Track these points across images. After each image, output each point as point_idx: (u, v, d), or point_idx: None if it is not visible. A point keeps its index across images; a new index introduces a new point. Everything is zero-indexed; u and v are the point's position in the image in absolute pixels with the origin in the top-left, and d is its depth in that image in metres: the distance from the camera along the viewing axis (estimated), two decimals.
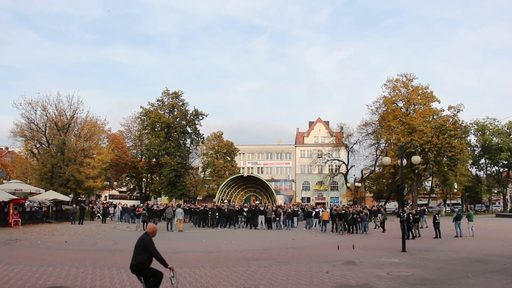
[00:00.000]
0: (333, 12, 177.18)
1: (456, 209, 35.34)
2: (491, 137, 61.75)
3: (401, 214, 18.49)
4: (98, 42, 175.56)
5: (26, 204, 35.77)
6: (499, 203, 77.66)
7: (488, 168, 66.43)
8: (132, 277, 10.85)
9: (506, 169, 66.64)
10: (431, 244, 19.42)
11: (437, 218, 23.24)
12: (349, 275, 11.46)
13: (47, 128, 45.25)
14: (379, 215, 29.57)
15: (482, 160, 65.24)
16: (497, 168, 65.75)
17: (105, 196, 76.65)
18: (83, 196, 62.33)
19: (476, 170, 68.28)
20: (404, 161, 17.60)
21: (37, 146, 46.87)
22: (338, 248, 17.43)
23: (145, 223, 28.24)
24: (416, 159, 17.81)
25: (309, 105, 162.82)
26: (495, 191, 68.09)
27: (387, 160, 18.63)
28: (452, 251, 16.78)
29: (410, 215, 21.92)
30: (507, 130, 62.69)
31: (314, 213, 30.72)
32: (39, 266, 12.67)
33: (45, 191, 37.54)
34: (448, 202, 67.17)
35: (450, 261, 14.15)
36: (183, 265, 13.08)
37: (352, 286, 9.98)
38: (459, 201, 71.97)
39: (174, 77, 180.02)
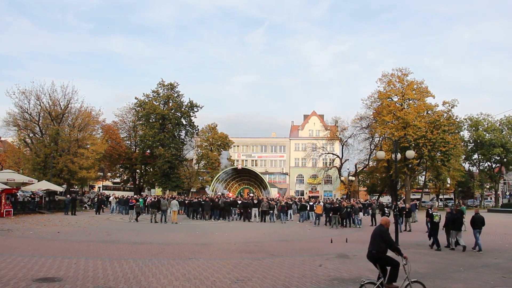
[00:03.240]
0: (331, 6, 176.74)
1: (449, 204, 35.57)
2: (484, 133, 62.13)
3: (394, 208, 18.57)
4: (94, 32, 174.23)
5: (18, 194, 35.57)
6: (490, 198, 78.32)
7: (480, 163, 66.89)
8: (124, 268, 10.86)
9: (498, 165, 67.13)
10: (423, 239, 19.50)
11: (430, 212, 23.31)
12: (342, 268, 11.51)
13: (40, 118, 44.77)
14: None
15: (475, 156, 65.68)
16: (489, 163, 66.22)
17: (99, 187, 76.46)
18: (76, 186, 62.08)
19: (469, 166, 68.78)
20: (399, 156, 17.62)
21: (30, 136, 46.43)
22: (331, 242, 17.50)
23: (138, 215, 28.26)
24: (410, 153, 17.84)
25: (305, 98, 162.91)
26: (487, 186, 68.68)
27: (381, 154, 18.67)
28: (444, 245, 16.85)
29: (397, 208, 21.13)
30: (500, 127, 63.10)
31: (308, 206, 30.74)
32: (31, 256, 12.60)
33: (38, 181, 37.30)
34: (440, 197, 67.63)
35: (442, 255, 14.25)
36: (176, 257, 13.07)
37: (345, 280, 10.02)
38: (452, 196, 72.51)
39: (170, 68, 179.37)
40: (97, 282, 9.31)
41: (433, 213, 17.29)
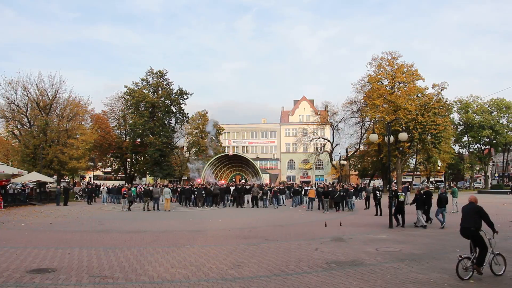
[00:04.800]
0: None
1: (441, 186, 35.89)
2: (474, 115, 62.59)
3: (389, 191, 18.62)
4: (80, 21, 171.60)
5: (8, 186, 35.13)
6: (480, 180, 79.28)
7: (470, 145, 67.51)
8: (119, 257, 10.76)
9: (488, 147, 67.85)
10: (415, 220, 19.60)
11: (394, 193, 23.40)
12: (339, 251, 11.50)
13: (28, 109, 44.09)
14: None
15: (465, 138, 66.24)
16: (479, 145, 66.90)
17: (89, 177, 75.93)
18: (67, 177, 61.56)
19: (459, 148, 69.41)
20: (391, 138, 17.60)
21: (18, 127, 45.79)
22: (325, 226, 17.52)
23: (131, 203, 28.09)
24: (403, 135, 17.90)
25: (295, 84, 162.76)
26: (477, 168, 69.44)
27: (374, 137, 18.63)
28: (437, 227, 16.98)
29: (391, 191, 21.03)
30: (489, 108, 63.57)
31: (303, 191, 30.78)
32: (24, 248, 12.42)
33: (28, 172, 36.89)
34: (431, 179, 68.24)
35: (436, 236, 14.32)
36: (171, 245, 12.98)
37: (342, 263, 10.00)
38: (442, 178, 73.26)
39: (159, 56, 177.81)
40: (92, 272, 9.19)
41: (398, 193, 18.44)
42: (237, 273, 9.01)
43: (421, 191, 18.18)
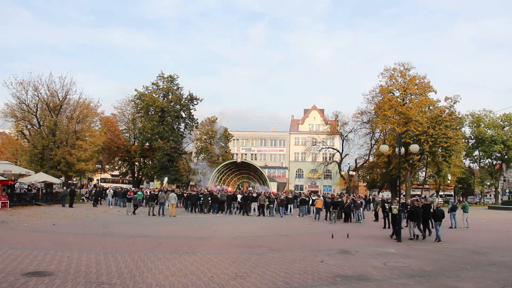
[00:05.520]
0: (332, 0, 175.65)
1: (451, 200, 35.31)
2: (486, 129, 61.67)
3: (398, 203, 18.17)
4: (95, 24, 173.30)
5: (17, 186, 35.10)
6: (490, 195, 77.99)
7: (481, 160, 66.47)
8: (119, 262, 10.47)
9: (499, 162, 66.74)
10: (426, 235, 19.10)
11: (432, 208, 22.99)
12: (345, 265, 11.09)
13: (38, 109, 44.21)
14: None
15: (476, 152, 65.23)
16: (490, 160, 65.80)
17: (97, 180, 76.03)
18: (75, 179, 61.57)
19: (470, 162, 68.39)
20: (402, 150, 17.18)
21: (28, 127, 45.96)
22: (332, 237, 17.09)
23: (136, 207, 27.87)
24: (415, 147, 17.42)
25: (305, 93, 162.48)
26: (488, 183, 68.28)
27: (384, 148, 18.22)
28: (447, 242, 16.49)
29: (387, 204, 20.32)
30: (502, 123, 62.62)
31: (311, 201, 30.36)
32: (23, 249, 12.19)
33: (35, 173, 36.90)
34: (441, 193, 67.24)
35: (446, 252, 13.84)
36: (173, 251, 12.66)
37: (349, 277, 9.60)
38: (452, 192, 72.17)
39: (171, 61, 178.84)
40: (89, 277, 8.90)
41: (392, 206, 18.54)
42: (239, 284, 8.66)
43: (414, 204, 18.25)
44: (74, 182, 68.46)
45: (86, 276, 9.01)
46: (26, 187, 38.02)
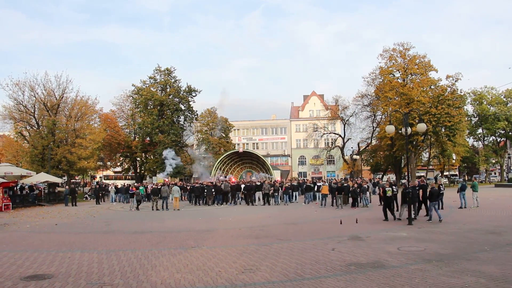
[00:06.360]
0: None
1: (460, 180, 34.87)
2: (489, 107, 60.92)
3: (407, 185, 17.72)
4: (89, 22, 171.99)
5: (17, 187, 34.74)
6: (495, 173, 77.51)
7: (485, 138, 65.80)
8: (122, 261, 10.06)
9: (503, 139, 66.09)
10: (436, 216, 18.66)
11: (442, 189, 22.57)
12: (357, 252, 10.62)
13: (36, 109, 43.75)
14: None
15: (479, 130, 64.54)
16: (494, 137, 65.12)
17: (100, 177, 75.74)
18: (77, 178, 61.20)
19: (474, 141, 67.73)
20: (409, 130, 16.67)
21: (27, 128, 45.51)
22: (341, 223, 16.65)
23: (139, 203, 27.50)
24: (422, 126, 16.83)
25: (304, 80, 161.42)
26: (493, 161, 67.68)
27: (390, 128, 17.66)
28: (460, 223, 16.05)
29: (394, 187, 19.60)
30: (505, 99, 61.83)
31: (316, 187, 29.93)
32: (24, 251, 11.79)
33: (37, 173, 36.54)
34: (446, 173, 66.71)
35: (460, 233, 13.38)
36: (178, 246, 12.23)
37: (363, 265, 9.13)
38: (457, 172, 71.67)
39: (167, 55, 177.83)
40: (91, 278, 8.47)
41: (386, 189, 18.38)
42: (248, 278, 8.22)
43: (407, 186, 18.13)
44: (77, 180, 68.16)
45: (88, 277, 8.58)
46: (27, 188, 37.56)
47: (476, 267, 8.53)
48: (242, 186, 30.91)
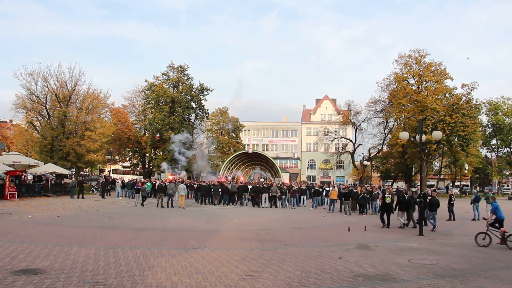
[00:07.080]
0: None
1: (474, 191, 34.09)
2: (504, 117, 59.72)
3: (420, 194, 17.13)
4: (107, 17, 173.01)
5: (23, 176, 34.65)
6: (507, 185, 76.03)
7: (499, 149, 64.51)
8: (119, 259, 9.64)
9: None
10: (448, 227, 18.04)
11: (453, 199, 21.94)
12: (366, 262, 10.08)
13: (48, 100, 43.77)
14: None
15: (494, 141, 63.30)
16: (508, 149, 63.84)
17: (108, 171, 75.77)
18: (86, 170, 61.09)
19: (487, 151, 66.49)
20: (423, 137, 16.07)
21: (38, 118, 45.56)
22: (349, 230, 16.09)
23: (144, 199, 27.17)
24: (437, 134, 16.23)
25: (317, 83, 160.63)
26: (506, 173, 66.38)
27: (404, 135, 17.02)
28: (473, 235, 15.35)
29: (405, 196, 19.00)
30: None
31: (325, 192, 29.35)
32: (20, 243, 11.45)
33: (45, 163, 36.44)
34: (457, 183, 65.58)
35: (475, 247, 12.76)
36: (179, 246, 11.79)
37: (371, 277, 8.60)
38: (468, 182, 70.41)
39: (182, 53, 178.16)
40: (84, 276, 8.05)
41: (385, 195, 18.61)
42: (249, 285, 7.73)
43: (403, 194, 18.49)
44: (86, 173, 68.18)
45: (81, 274, 8.17)
46: (32, 178, 37.42)
47: (495, 286, 7.94)
48: (249, 187, 30.43)
